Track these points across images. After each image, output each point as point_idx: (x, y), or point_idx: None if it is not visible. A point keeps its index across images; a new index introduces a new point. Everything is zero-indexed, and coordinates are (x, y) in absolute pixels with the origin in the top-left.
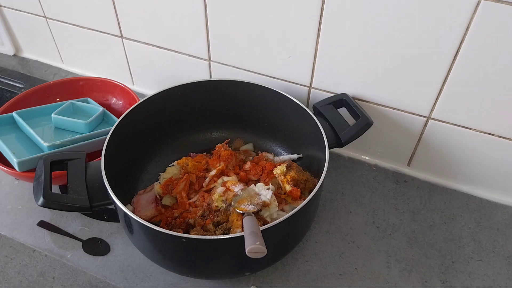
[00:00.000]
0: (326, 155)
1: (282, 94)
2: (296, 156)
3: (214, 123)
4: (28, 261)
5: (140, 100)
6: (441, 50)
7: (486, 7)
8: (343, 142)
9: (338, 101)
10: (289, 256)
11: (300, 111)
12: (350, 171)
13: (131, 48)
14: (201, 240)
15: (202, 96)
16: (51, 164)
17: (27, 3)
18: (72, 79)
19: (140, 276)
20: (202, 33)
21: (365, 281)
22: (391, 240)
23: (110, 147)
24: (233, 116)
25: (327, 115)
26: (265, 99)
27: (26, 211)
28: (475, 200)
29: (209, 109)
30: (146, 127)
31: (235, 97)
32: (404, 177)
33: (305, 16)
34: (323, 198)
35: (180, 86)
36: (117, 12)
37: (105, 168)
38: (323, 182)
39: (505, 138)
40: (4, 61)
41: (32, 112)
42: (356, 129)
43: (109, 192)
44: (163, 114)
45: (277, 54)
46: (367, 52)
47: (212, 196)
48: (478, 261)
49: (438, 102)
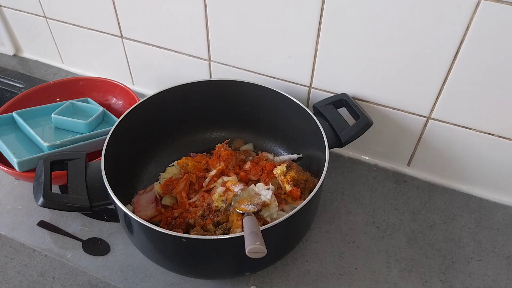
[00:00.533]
0: (326, 155)
1: (282, 94)
2: (296, 156)
3: (214, 123)
4: (28, 261)
5: (140, 100)
6: (441, 50)
7: (486, 7)
8: (343, 142)
9: (338, 101)
10: (289, 256)
11: (300, 111)
12: (350, 171)
13: (131, 48)
14: (201, 240)
15: (202, 96)
16: (51, 164)
17: (27, 3)
18: (72, 79)
19: (140, 276)
20: (202, 33)
21: (365, 281)
22: (391, 240)
23: (110, 147)
24: (233, 116)
25: (327, 115)
26: (265, 99)
27: (26, 211)
28: (475, 200)
29: (209, 109)
30: (146, 127)
31: (235, 97)
32: (404, 177)
33: (305, 16)
34: (323, 198)
35: (180, 86)
36: (117, 12)
37: (105, 168)
38: (323, 182)
39: (505, 138)
40: (4, 61)
41: (32, 112)
42: (356, 129)
43: (109, 192)
44: (163, 114)
45: (277, 54)
46: (367, 52)
47: (212, 196)
48: (478, 261)
49: (438, 102)
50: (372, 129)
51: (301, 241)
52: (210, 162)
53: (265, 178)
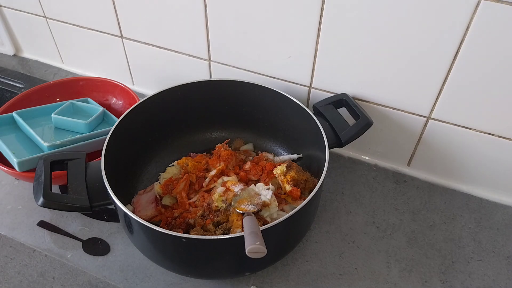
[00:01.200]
0: (326, 155)
1: (282, 94)
2: (296, 156)
3: (214, 123)
4: (28, 261)
5: (140, 100)
6: (441, 50)
7: (486, 7)
8: (343, 142)
9: (338, 101)
10: (289, 256)
11: (300, 111)
12: (350, 171)
13: (131, 48)
14: (201, 240)
15: (202, 96)
16: (51, 164)
17: (27, 3)
18: (72, 79)
19: (140, 276)
20: (202, 33)
21: (365, 281)
22: (391, 240)
23: (110, 147)
24: (233, 116)
25: (327, 115)
26: (265, 99)
27: (26, 211)
28: (475, 200)
29: (209, 109)
30: (146, 127)
31: (235, 97)
32: (404, 177)
33: (305, 16)
34: (323, 198)
35: (180, 86)
36: (117, 12)
37: (105, 168)
38: (323, 182)
39: (505, 138)
40: (4, 61)
41: (32, 112)
42: (356, 129)
43: (109, 192)
44: (163, 114)
45: (277, 54)
46: (367, 52)
47: (212, 196)
48: (478, 261)
49: (438, 102)
50: (372, 129)
51: (301, 241)
52: (210, 162)
53: (265, 178)
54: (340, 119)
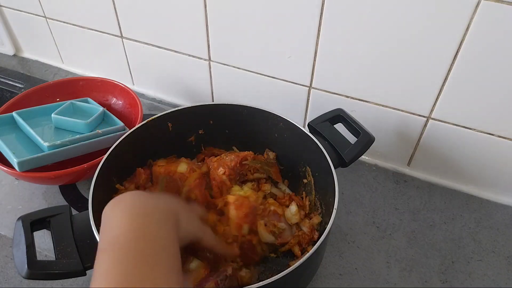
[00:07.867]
0: (334, 177)
1: (276, 115)
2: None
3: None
4: None
5: (127, 131)
6: (441, 50)
7: (486, 7)
8: (347, 162)
9: (334, 117)
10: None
11: (297, 132)
12: (350, 171)
13: (131, 48)
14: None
15: (192, 122)
16: (31, 224)
17: (27, 3)
18: (72, 79)
19: None
20: (202, 33)
21: (365, 281)
22: (391, 240)
23: (97, 191)
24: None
25: (325, 134)
26: (260, 123)
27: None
28: (475, 200)
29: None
30: (135, 159)
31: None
32: (404, 177)
33: (305, 16)
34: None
35: (168, 114)
36: (117, 12)
37: (94, 217)
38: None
39: (505, 138)
40: (4, 61)
41: (32, 112)
42: (359, 147)
43: None
44: (152, 145)
45: (277, 54)
46: (367, 52)
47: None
48: (478, 261)
49: (438, 102)
50: (372, 129)
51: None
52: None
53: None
54: (340, 138)
